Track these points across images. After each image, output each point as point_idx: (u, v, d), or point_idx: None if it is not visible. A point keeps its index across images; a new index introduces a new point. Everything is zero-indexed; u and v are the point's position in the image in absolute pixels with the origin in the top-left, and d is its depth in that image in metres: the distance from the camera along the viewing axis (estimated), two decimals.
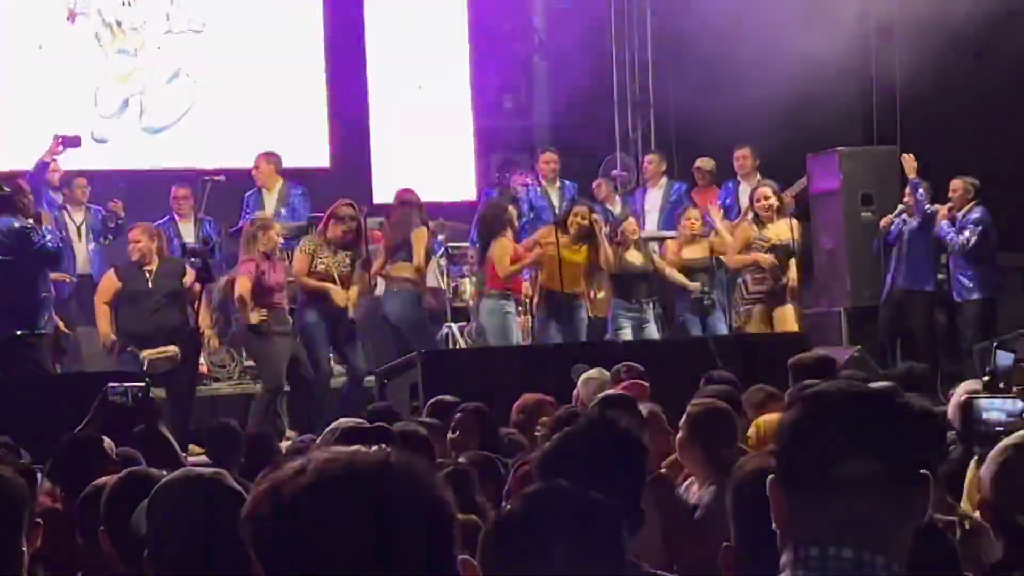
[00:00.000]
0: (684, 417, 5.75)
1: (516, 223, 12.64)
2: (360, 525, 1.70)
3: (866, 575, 2.25)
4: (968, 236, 12.91)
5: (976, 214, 13.00)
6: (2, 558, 3.04)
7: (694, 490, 5.59)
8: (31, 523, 3.44)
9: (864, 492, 2.26)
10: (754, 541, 2.46)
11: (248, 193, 14.27)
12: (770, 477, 2.34)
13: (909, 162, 13.40)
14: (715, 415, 5.81)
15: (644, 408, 6.45)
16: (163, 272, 11.46)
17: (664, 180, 15.09)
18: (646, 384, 8.29)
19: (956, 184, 13.11)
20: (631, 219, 13.30)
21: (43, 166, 12.77)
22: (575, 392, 8.51)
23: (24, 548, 3.07)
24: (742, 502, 2.85)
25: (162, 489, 3.15)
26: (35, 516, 3.58)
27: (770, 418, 6.75)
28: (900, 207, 13.59)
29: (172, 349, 11.15)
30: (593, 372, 8.55)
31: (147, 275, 11.38)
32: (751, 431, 6.42)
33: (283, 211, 13.88)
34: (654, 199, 14.99)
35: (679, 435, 5.62)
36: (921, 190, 13.30)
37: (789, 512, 2.31)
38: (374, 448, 1.81)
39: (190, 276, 11.39)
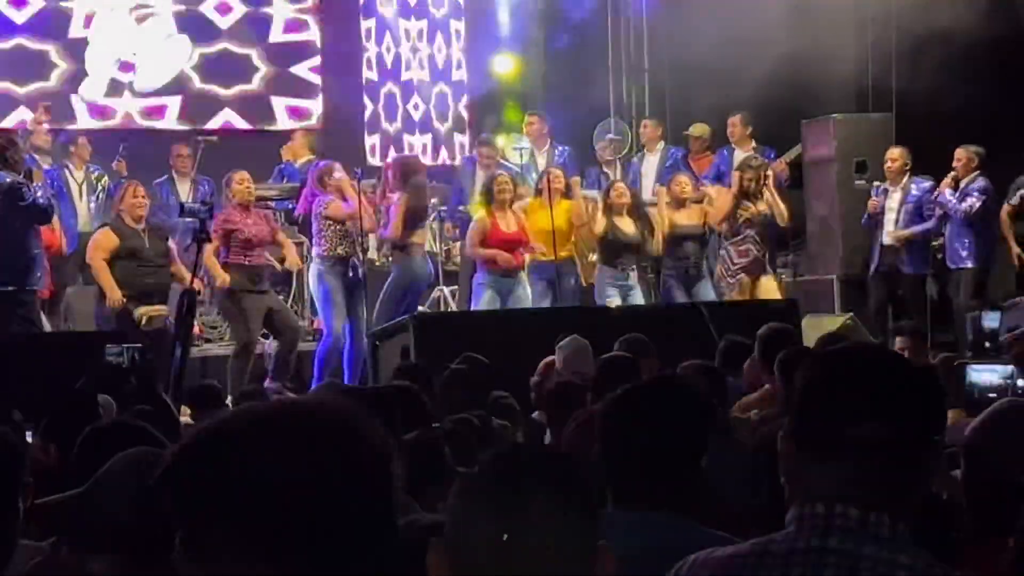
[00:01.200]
0: None
1: (508, 195, 12.46)
2: (288, 474, 1.62)
3: (870, 535, 2.26)
4: (972, 203, 12.91)
5: (981, 183, 13.01)
6: (5, 510, 3.04)
7: None
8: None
9: (874, 454, 2.27)
10: (779, 500, 2.47)
11: (280, 166, 14.51)
12: (781, 432, 2.35)
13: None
14: (706, 377, 5.82)
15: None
16: (156, 231, 11.46)
17: (661, 145, 15.08)
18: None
19: (960, 153, 13.10)
20: (618, 184, 13.25)
21: (24, 133, 12.66)
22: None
23: (21, 506, 3.06)
24: (766, 461, 2.86)
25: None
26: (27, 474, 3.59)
27: None
28: (876, 183, 13.61)
29: (165, 308, 11.14)
30: (564, 342, 8.49)
31: (143, 233, 11.35)
32: None
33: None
34: (651, 164, 14.98)
35: None
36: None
37: (799, 469, 2.33)
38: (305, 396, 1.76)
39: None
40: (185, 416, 8.47)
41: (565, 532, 2.12)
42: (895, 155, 13.47)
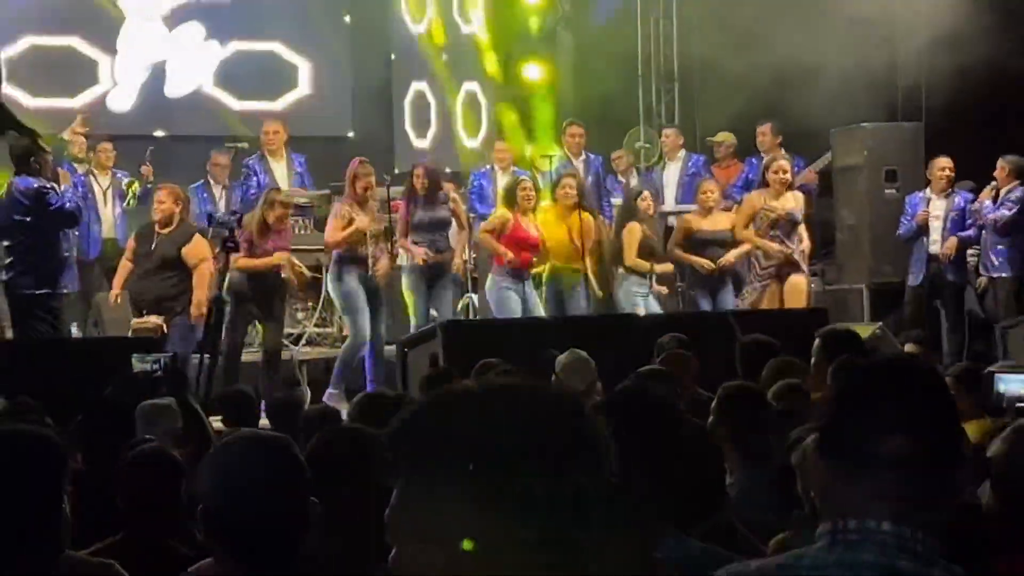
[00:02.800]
0: (716, 399, 5.61)
1: (531, 203, 12.41)
2: (524, 443, 1.72)
3: (905, 549, 2.25)
4: (1003, 213, 12.86)
5: (1017, 193, 12.95)
6: (48, 515, 3.05)
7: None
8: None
9: (904, 469, 2.26)
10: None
11: (250, 160, 14.20)
12: (811, 447, 2.33)
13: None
14: (746, 397, 5.66)
15: None
16: (170, 238, 11.37)
17: (682, 153, 15.05)
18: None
19: (1001, 163, 13.07)
20: (645, 194, 13.16)
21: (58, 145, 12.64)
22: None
23: (66, 504, 3.08)
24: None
25: (223, 448, 3.10)
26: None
27: None
28: (920, 194, 13.51)
29: (153, 320, 11.12)
30: (563, 356, 8.39)
31: (155, 239, 11.37)
32: None
33: (294, 181, 13.99)
34: (672, 173, 14.98)
35: (710, 418, 5.47)
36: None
37: (829, 483, 2.32)
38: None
39: (202, 246, 11.41)
40: (217, 422, 8.44)
41: (622, 543, 2.11)
42: (948, 165, 13.33)
